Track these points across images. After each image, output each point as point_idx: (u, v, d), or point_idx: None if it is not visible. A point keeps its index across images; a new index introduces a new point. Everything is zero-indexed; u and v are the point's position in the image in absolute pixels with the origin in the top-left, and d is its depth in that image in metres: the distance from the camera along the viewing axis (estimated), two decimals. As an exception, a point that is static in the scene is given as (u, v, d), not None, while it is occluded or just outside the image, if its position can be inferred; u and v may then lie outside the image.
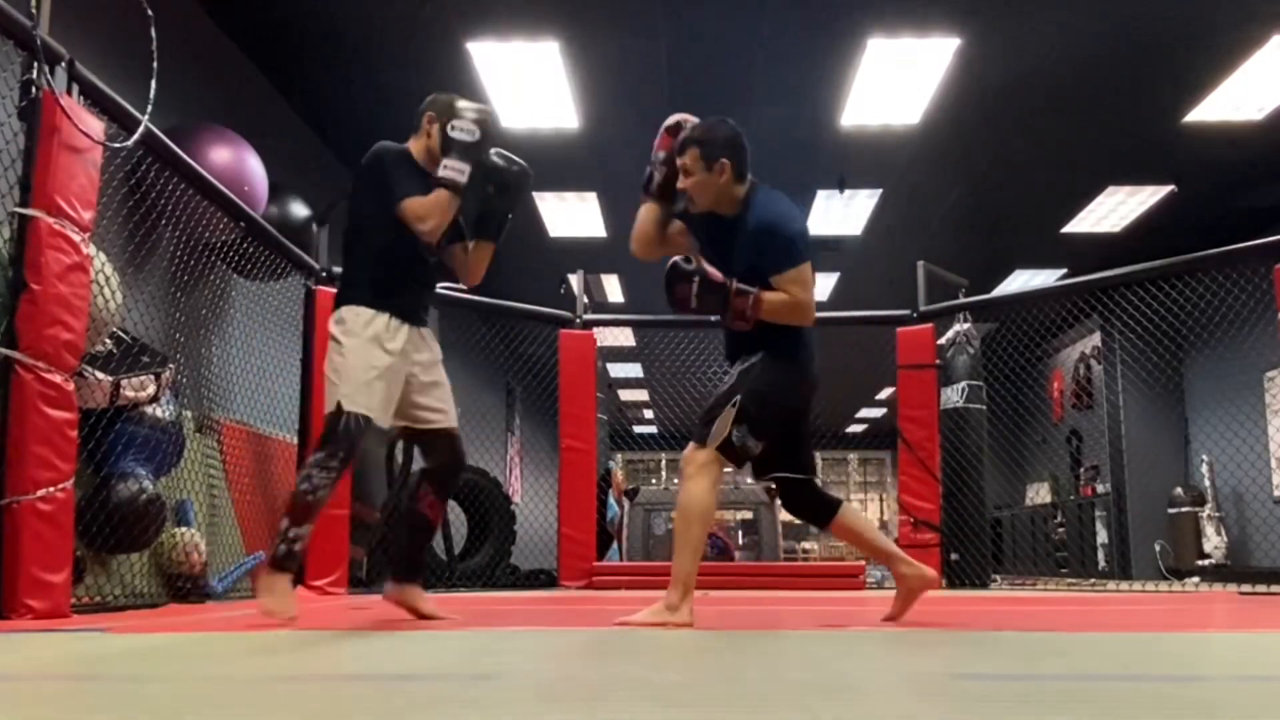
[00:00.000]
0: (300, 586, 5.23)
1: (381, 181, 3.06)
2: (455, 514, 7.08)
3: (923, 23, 5.92)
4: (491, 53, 6.19)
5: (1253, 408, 8.86)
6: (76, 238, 3.33)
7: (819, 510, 3.18)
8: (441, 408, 3.24)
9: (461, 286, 7.41)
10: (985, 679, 1.69)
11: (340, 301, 3.09)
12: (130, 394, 3.86)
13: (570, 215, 8.96)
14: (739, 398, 2.95)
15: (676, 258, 3.05)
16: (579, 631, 2.86)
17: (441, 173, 3.01)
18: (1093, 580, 9.01)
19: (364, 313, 3.02)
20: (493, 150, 3.23)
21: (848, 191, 8.45)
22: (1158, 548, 9.87)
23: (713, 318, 3.13)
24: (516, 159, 3.33)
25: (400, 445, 6.74)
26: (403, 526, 3.42)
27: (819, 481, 3.25)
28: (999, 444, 9.29)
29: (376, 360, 2.99)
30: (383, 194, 3.03)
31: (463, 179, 3.03)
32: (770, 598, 5.28)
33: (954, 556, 6.71)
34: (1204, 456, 9.57)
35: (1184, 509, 9.58)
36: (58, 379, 3.22)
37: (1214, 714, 1.33)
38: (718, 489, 3.04)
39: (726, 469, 3.09)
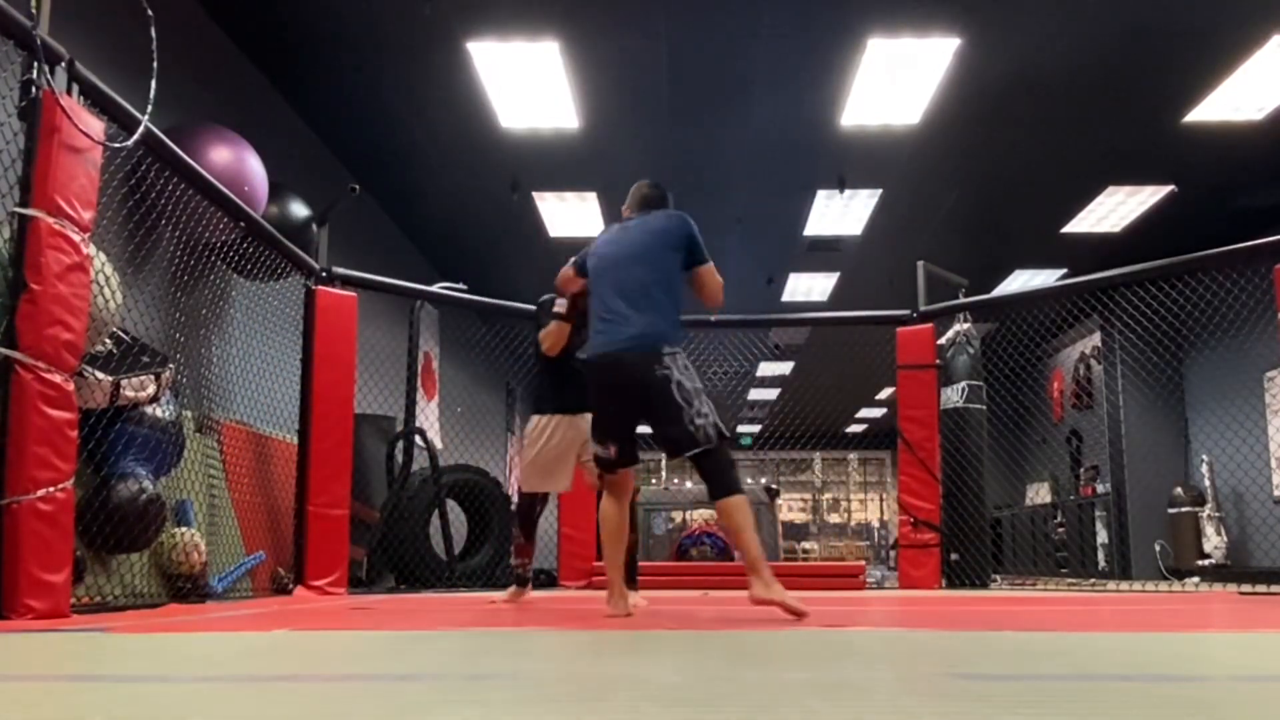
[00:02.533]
0: (300, 586, 5.25)
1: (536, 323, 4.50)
2: (455, 514, 7.07)
3: (923, 23, 5.92)
4: (491, 53, 6.19)
5: (1253, 408, 8.86)
6: (76, 238, 3.33)
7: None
8: None
9: (462, 287, 7.46)
10: (985, 679, 1.69)
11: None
12: (130, 394, 3.86)
13: (570, 215, 8.96)
14: None
15: None
16: (579, 632, 2.86)
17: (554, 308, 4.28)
18: (1093, 580, 9.01)
19: (531, 419, 4.49)
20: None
21: (848, 191, 8.45)
22: (1158, 548, 9.87)
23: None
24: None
25: (400, 446, 6.75)
26: None
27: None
28: (999, 444, 9.30)
29: (534, 453, 4.44)
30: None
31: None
32: (770, 598, 5.27)
33: (954, 556, 6.70)
34: (1204, 456, 9.57)
35: (1184, 509, 9.58)
36: (58, 379, 3.22)
37: (1214, 714, 1.33)
38: (615, 498, 3.59)
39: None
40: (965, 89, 6.66)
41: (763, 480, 20.62)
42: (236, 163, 5.07)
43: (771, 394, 15.84)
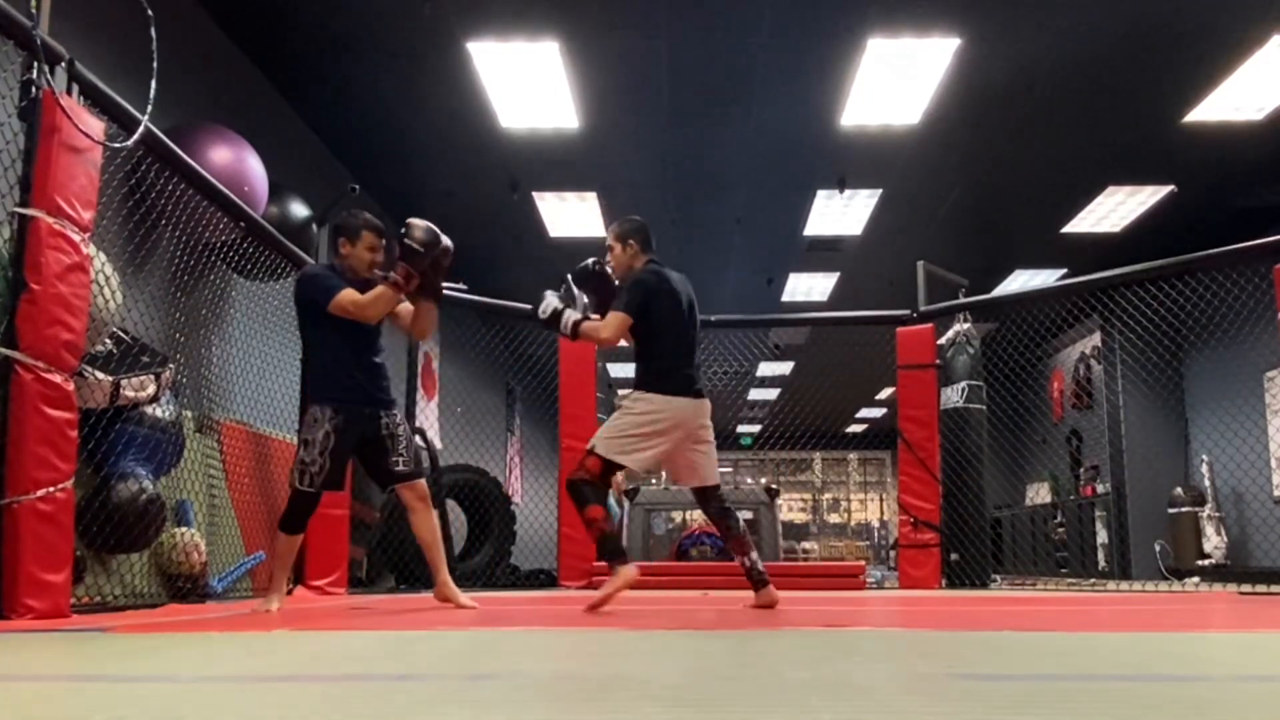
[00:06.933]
0: (300, 586, 5.25)
1: None
2: (455, 514, 7.07)
3: (923, 23, 5.92)
4: (491, 53, 6.19)
5: (1253, 408, 8.86)
6: (76, 238, 3.33)
7: None
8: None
9: (462, 287, 7.43)
10: (985, 679, 1.69)
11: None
12: (130, 394, 3.86)
13: (570, 215, 8.96)
14: None
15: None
16: (579, 631, 2.86)
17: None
18: (1093, 580, 9.01)
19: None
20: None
21: (848, 191, 8.45)
22: (1158, 548, 9.87)
23: None
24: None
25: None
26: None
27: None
28: (999, 444, 9.30)
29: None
30: None
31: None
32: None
33: (954, 556, 6.70)
34: (1204, 456, 9.57)
35: (1184, 509, 9.58)
36: (58, 379, 3.22)
37: (1214, 714, 1.33)
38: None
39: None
40: (965, 89, 6.66)
41: (763, 480, 20.63)
42: (236, 163, 5.07)
43: (771, 394, 15.84)
